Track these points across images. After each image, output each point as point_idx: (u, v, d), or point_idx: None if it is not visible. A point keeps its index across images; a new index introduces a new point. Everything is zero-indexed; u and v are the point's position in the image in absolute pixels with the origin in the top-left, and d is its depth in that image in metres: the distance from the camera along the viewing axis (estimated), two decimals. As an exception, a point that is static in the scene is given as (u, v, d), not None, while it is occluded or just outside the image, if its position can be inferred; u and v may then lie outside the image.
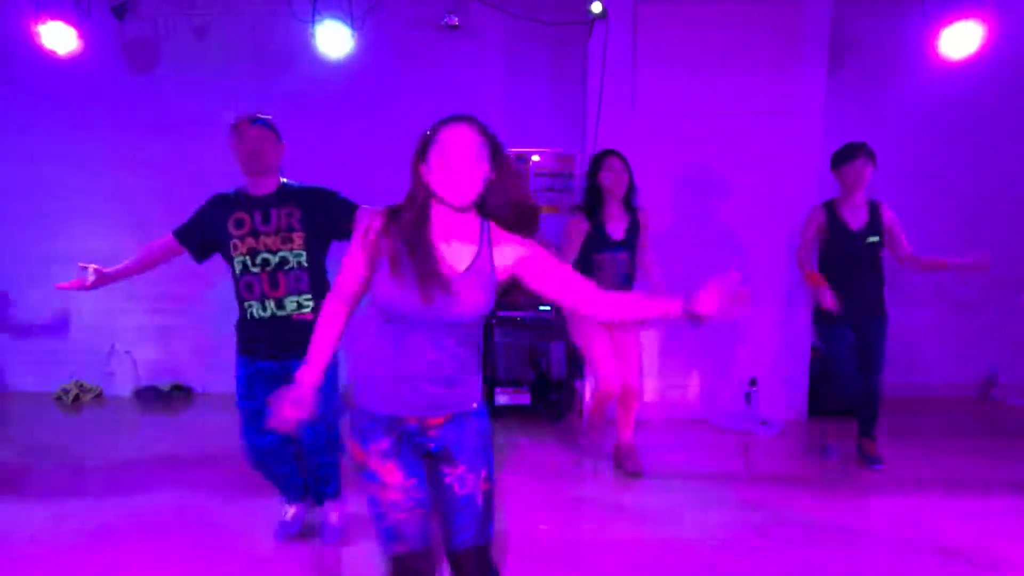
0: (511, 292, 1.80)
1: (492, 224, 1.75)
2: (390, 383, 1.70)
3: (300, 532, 3.02)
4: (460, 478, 1.75)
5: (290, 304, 2.70)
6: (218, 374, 5.22)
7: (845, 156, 3.72)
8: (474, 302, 1.68)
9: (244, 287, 2.71)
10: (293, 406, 1.72)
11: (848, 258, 3.73)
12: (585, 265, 3.61)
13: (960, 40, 4.03)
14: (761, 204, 4.66)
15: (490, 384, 4.93)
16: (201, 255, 2.84)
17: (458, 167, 1.62)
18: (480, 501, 1.76)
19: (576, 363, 5.06)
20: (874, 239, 3.72)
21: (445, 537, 1.77)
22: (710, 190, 4.70)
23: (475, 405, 1.80)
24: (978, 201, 5.15)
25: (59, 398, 5.19)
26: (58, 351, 5.35)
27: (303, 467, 2.96)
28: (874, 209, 3.75)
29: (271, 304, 2.70)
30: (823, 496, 3.49)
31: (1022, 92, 5.03)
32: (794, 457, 4.08)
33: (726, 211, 4.72)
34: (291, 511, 3.06)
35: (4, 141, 5.22)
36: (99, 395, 5.29)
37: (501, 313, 4.88)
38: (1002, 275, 5.19)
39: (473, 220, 1.74)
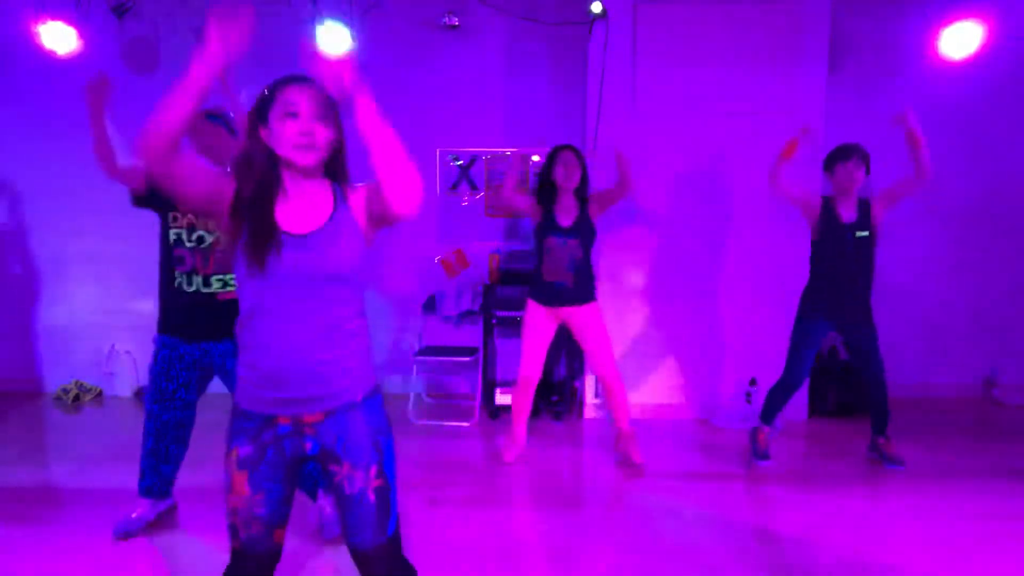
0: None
1: (345, 187, 1.71)
2: (259, 377, 1.63)
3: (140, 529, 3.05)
4: (348, 477, 1.67)
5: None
6: (218, 374, 5.22)
7: (838, 157, 3.72)
8: (338, 253, 1.62)
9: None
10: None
11: (838, 251, 3.69)
12: (538, 249, 3.82)
13: (960, 40, 4.03)
14: (761, 203, 4.65)
15: (490, 384, 4.93)
16: (142, 201, 2.96)
17: (306, 126, 1.57)
18: (372, 499, 1.67)
19: (577, 363, 5.06)
20: (864, 233, 3.69)
21: (345, 537, 1.72)
22: (710, 189, 4.71)
23: (360, 396, 1.69)
24: (978, 201, 5.15)
25: (59, 398, 5.19)
26: (58, 351, 5.36)
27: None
28: (864, 206, 3.72)
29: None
30: (824, 496, 3.49)
31: (1022, 92, 5.03)
32: (794, 457, 4.08)
33: (726, 210, 4.71)
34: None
35: (3, 142, 5.21)
36: (99, 395, 5.29)
37: (501, 313, 4.88)
38: (1002, 274, 5.21)
39: (324, 185, 1.68)
